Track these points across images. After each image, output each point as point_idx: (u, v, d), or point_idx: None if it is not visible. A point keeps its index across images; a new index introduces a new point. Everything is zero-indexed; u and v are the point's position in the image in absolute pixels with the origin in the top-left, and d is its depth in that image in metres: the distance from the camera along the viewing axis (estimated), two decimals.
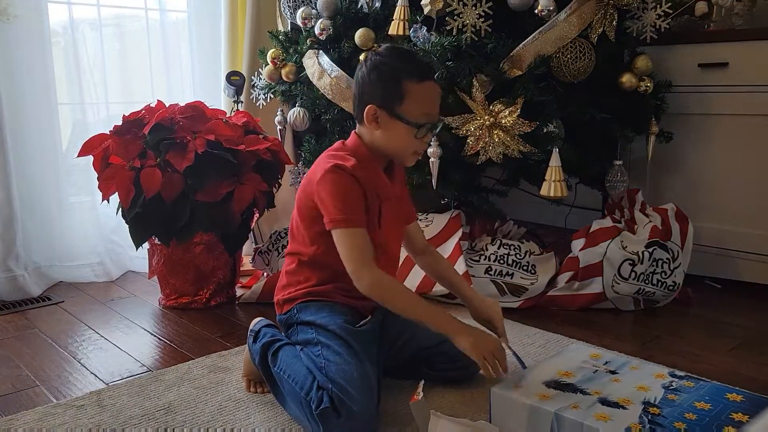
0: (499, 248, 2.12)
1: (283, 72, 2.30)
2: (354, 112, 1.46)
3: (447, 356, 1.47)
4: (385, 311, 1.45)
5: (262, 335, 1.49)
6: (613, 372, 1.31)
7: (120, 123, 2.01)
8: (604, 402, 1.19)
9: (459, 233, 2.14)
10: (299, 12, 2.26)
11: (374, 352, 1.41)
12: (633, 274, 2.01)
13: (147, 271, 2.24)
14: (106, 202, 1.99)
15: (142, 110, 2.05)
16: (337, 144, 1.48)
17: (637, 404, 1.18)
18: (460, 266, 2.03)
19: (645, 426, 1.11)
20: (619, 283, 2.02)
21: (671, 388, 1.24)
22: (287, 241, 2.19)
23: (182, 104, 2.08)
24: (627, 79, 2.14)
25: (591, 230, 2.12)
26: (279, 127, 2.42)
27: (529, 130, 1.94)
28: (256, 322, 1.56)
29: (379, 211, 1.42)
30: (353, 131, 1.47)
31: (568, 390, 1.24)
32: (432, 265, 1.63)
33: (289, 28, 2.45)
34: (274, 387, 1.42)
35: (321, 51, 2.18)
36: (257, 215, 2.22)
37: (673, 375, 1.30)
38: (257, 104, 2.51)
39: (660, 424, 1.11)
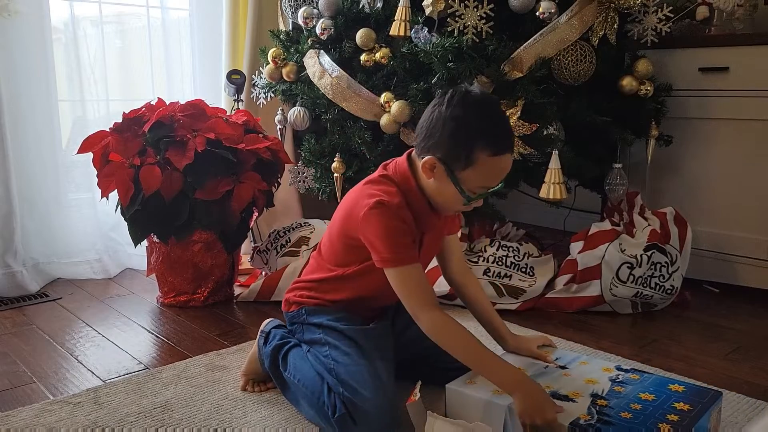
0: (497, 250, 2.12)
1: (284, 71, 2.30)
2: (417, 140, 1.32)
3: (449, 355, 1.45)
4: (396, 309, 1.44)
5: (272, 337, 1.48)
6: (563, 367, 1.37)
7: (120, 120, 2.01)
8: (555, 395, 1.23)
9: (458, 234, 2.13)
10: (300, 11, 2.26)
11: (387, 347, 1.39)
12: (631, 278, 2.01)
13: (145, 269, 2.24)
14: (105, 199, 1.99)
15: (142, 108, 2.05)
16: (380, 170, 1.37)
17: (586, 397, 1.23)
18: None
19: (593, 417, 1.16)
20: (617, 287, 2.02)
21: (618, 380, 1.30)
22: (286, 240, 2.22)
23: (183, 102, 2.08)
24: (627, 82, 2.14)
25: (590, 233, 2.12)
26: (279, 126, 2.42)
27: (529, 132, 1.95)
28: (267, 323, 1.54)
29: (420, 241, 1.36)
30: (407, 154, 1.36)
31: None
32: (467, 295, 1.51)
33: (290, 27, 2.45)
34: (285, 389, 1.42)
35: (322, 51, 2.19)
36: (256, 214, 2.22)
37: (619, 369, 1.36)
38: (258, 103, 2.51)
39: (607, 415, 1.16)
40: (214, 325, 1.97)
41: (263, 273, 2.28)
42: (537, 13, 1.98)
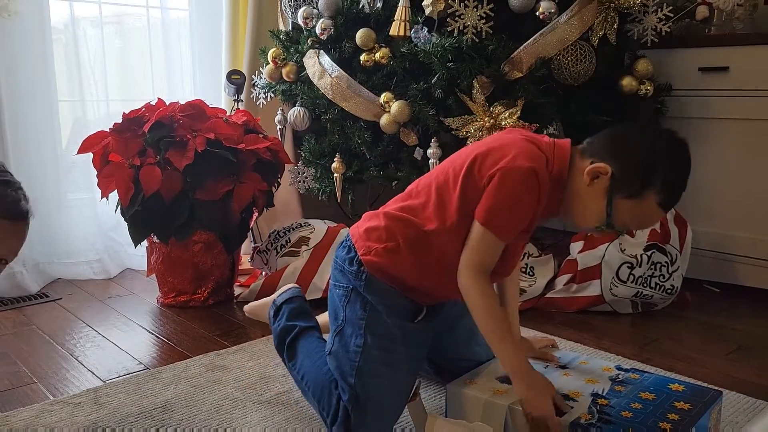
0: None
1: (284, 71, 2.30)
2: (595, 141, 1.23)
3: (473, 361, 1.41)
4: (440, 312, 1.35)
5: (281, 315, 1.44)
6: (563, 366, 1.37)
7: (120, 121, 2.01)
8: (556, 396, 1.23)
9: None
10: (300, 11, 2.26)
11: (422, 355, 1.34)
12: (631, 278, 2.01)
13: (145, 269, 2.24)
14: (105, 199, 1.99)
15: (142, 108, 2.05)
16: (546, 137, 1.27)
17: (587, 396, 1.23)
18: None
19: (594, 416, 1.16)
20: (617, 286, 2.02)
21: (618, 380, 1.30)
22: (286, 240, 2.22)
23: (182, 102, 2.08)
24: (627, 82, 2.14)
25: (589, 233, 2.12)
26: (279, 126, 2.42)
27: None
28: (281, 294, 1.49)
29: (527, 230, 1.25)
30: (576, 146, 1.25)
31: None
32: (502, 290, 1.42)
33: (290, 27, 2.45)
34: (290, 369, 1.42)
35: (322, 51, 2.19)
36: (256, 214, 2.22)
37: (619, 368, 1.36)
38: (257, 103, 2.51)
39: (608, 414, 1.16)
40: (214, 326, 1.97)
41: (263, 273, 2.28)
42: (537, 13, 1.98)
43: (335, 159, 2.17)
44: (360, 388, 1.24)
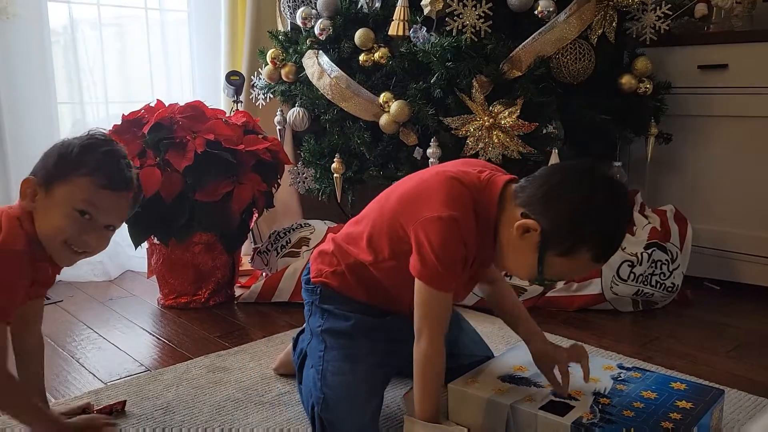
0: None
1: (283, 72, 2.30)
2: (528, 187, 1.14)
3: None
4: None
5: (300, 341, 1.46)
6: None
7: (119, 122, 2.00)
8: (557, 394, 1.23)
9: None
10: (299, 12, 2.26)
11: (391, 349, 1.30)
12: (632, 276, 2.01)
13: (146, 271, 2.24)
14: None
15: (141, 110, 2.05)
16: (465, 167, 1.21)
17: (588, 395, 1.23)
18: None
19: (596, 415, 1.16)
20: (617, 285, 2.02)
21: (620, 379, 1.30)
22: (286, 241, 2.22)
23: (182, 104, 2.07)
24: (626, 80, 2.14)
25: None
26: (278, 127, 2.42)
27: (529, 131, 1.95)
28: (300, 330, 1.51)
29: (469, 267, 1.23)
30: (507, 180, 1.19)
31: (523, 384, 1.29)
32: (494, 295, 1.41)
33: (288, 28, 2.45)
34: None
35: (321, 51, 2.19)
36: (256, 215, 2.22)
37: (621, 367, 1.36)
38: (257, 104, 2.51)
39: (610, 413, 1.16)
40: (215, 327, 1.97)
41: (264, 274, 2.28)
42: (536, 12, 1.98)
43: (335, 159, 2.17)
44: (327, 390, 1.26)
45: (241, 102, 2.50)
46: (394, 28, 2.02)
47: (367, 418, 1.25)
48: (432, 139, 1.99)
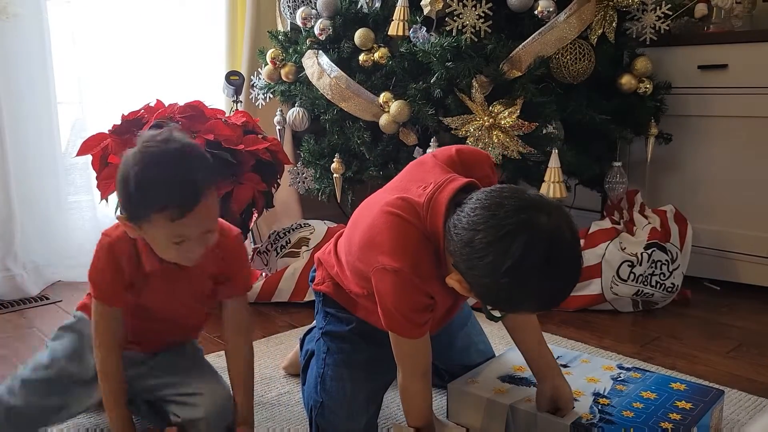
0: None
1: (283, 72, 2.30)
2: (457, 241, 0.99)
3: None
4: None
5: (307, 341, 1.46)
6: (564, 366, 1.36)
7: (119, 122, 2.00)
8: None
9: None
10: (299, 12, 2.26)
11: (391, 356, 1.23)
12: (632, 276, 2.01)
13: None
14: (104, 201, 1.99)
15: (141, 109, 2.05)
16: (405, 193, 1.10)
17: (588, 395, 1.23)
18: None
19: (596, 415, 1.16)
20: (617, 285, 2.02)
21: (620, 379, 1.30)
22: (286, 241, 2.21)
23: (181, 104, 2.07)
24: (626, 80, 2.14)
25: (590, 231, 2.11)
26: (278, 127, 2.42)
27: (529, 131, 1.94)
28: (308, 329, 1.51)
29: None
30: (449, 198, 1.04)
31: (522, 384, 1.29)
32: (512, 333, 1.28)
33: (288, 28, 2.45)
34: None
35: (320, 51, 2.18)
36: (256, 215, 2.22)
37: (621, 367, 1.36)
38: (256, 104, 2.51)
39: (609, 414, 1.17)
40: (214, 327, 1.96)
41: (263, 274, 2.27)
42: (535, 12, 1.98)
43: (335, 159, 2.17)
44: (324, 395, 1.26)
45: (241, 102, 2.50)
46: (394, 28, 2.02)
47: (362, 427, 1.25)
48: (432, 139, 1.99)
